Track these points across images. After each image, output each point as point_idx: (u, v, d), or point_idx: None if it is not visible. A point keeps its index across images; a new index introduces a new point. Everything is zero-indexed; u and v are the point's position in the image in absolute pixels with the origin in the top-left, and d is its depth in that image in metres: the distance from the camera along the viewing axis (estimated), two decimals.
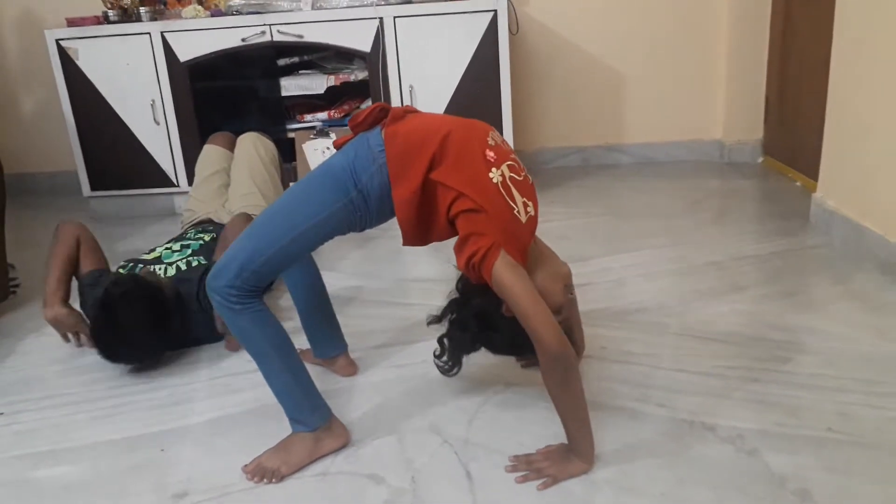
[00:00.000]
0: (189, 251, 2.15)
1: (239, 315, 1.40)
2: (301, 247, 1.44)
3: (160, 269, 2.07)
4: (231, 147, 2.60)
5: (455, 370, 1.59)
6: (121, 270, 2.06)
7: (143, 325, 1.84)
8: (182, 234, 2.35)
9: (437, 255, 2.55)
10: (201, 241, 2.22)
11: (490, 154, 1.40)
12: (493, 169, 1.39)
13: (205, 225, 2.38)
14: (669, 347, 1.87)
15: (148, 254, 2.18)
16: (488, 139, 1.43)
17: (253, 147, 2.52)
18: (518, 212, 1.39)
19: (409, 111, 1.48)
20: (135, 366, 1.93)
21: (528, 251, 1.43)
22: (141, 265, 2.08)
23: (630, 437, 1.51)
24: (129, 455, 1.58)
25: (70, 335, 1.98)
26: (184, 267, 2.07)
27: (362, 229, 1.48)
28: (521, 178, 1.43)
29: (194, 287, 1.99)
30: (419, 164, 1.38)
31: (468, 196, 1.35)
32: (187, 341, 2.02)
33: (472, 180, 1.37)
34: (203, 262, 2.09)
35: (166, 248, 2.18)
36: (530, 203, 1.43)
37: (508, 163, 1.42)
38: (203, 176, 2.55)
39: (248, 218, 2.12)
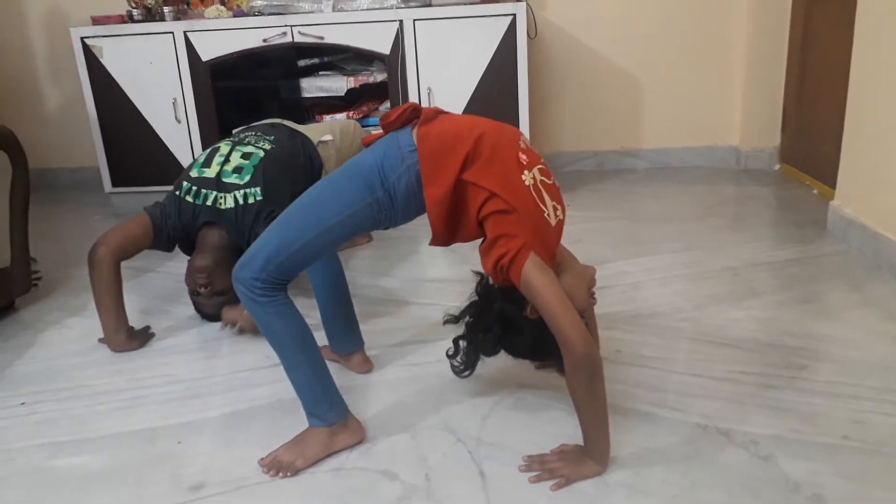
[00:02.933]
0: (248, 176, 2.09)
1: (263, 307, 1.42)
2: (327, 242, 1.45)
3: (220, 198, 2.06)
4: None
5: (468, 372, 1.60)
6: (187, 198, 2.07)
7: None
8: (241, 139, 2.25)
9: (453, 255, 2.57)
10: (260, 155, 2.15)
11: (522, 157, 1.42)
12: (526, 171, 1.40)
13: (266, 129, 2.33)
14: (684, 352, 1.87)
15: (208, 167, 2.12)
16: (520, 143, 1.45)
17: (352, 125, 2.71)
18: (548, 215, 1.40)
19: (439, 112, 1.49)
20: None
21: (555, 254, 1.44)
22: (202, 193, 2.07)
23: (644, 440, 1.52)
24: (147, 446, 1.60)
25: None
26: (241, 201, 2.06)
27: (387, 227, 1.49)
28: (550, 183, 1.44)
29: (245, 235, 2.04)
30: (452, 164, 1.38)
31: (500, 197, 1.36)
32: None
33: (505, 182, 1.38)
34: (258, 197, 2.06)
35: (226, 162, 2.12)
36: (559, 207, 1.44)
37: (539, 167, 1.44)
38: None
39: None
